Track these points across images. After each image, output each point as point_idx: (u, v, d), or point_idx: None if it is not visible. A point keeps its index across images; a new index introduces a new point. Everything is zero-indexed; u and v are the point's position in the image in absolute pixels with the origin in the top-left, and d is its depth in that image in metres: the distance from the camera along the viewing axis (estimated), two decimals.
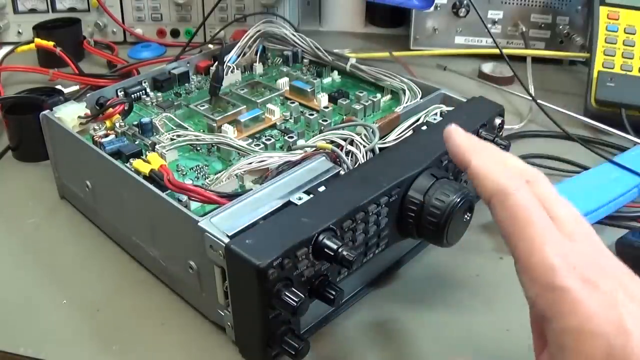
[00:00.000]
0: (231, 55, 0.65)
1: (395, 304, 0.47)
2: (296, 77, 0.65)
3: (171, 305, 0.47)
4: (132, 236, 0.50)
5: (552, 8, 0.84)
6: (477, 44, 0.87)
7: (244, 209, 0.42)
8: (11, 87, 0.77)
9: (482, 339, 0.45)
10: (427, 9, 0.82)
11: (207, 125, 0.57)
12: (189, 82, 0.66)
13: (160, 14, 0.91)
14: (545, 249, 0.29)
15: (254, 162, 0.48)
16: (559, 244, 0.30)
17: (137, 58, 0.87)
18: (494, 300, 0.48)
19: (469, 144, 0.36)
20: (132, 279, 0.50)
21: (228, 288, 0.40)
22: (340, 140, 0.49)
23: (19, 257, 0.53)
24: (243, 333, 0.41)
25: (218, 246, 0.39)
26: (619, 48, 0.72)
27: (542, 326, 0.31)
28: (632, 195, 0.56)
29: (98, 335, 0.45)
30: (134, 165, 0.48)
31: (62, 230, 0.56)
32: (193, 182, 0.49)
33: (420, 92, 0.58)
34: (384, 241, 0.45)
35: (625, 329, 0.27)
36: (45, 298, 0.48)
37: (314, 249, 0.39)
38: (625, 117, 0.68)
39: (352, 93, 0.62)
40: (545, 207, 0.32)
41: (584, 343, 0.28)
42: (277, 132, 0.57)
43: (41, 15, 0.89)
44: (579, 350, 0.28)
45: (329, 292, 0.40)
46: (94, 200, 0.53)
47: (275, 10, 0.88)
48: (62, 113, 0.55)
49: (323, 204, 0.42)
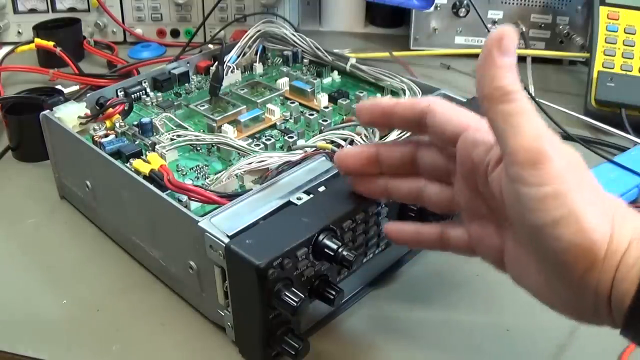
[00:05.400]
0: (231, 55, 0.65)
1: (395, 304, 0.47)
2: (296, 77, 0.65)
3: (171, 305, 0.47)
4: (132, 236, 0.50)
5: (552, 8, 0.84)
6: (477, 44, 0.87)
7: (244, 209, 0.42)
8: (11, 87, 0.77)
9: (482, 339, 0.45)
10: (427, 9, 0.82)
11: (207, 125, 0.57)
12: (189, 82, 0.65)
13: (160, 14, 0.91)
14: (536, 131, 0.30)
15: (254, 162, 0.48)
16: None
17: (137, 58, 0.86)
18: (494, 300, 0.48)
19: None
20: (132, 279, 0.50)
21: (228, 288, 0.40)
22: (340, 140, 0.49)
23: (19, 257, 0.53)
24: (243, 333, 0.41)
25: (218, 246, 0.39)
26: (619, 48, 0.72)
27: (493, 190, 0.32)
28: (632, 195, 0.56)
29: (98, 335, 0.45)
30: (134, 165, 0.48)
31: (62, 230, 0.56)
32: (193, 182, 0.49)
33: (420, 92, 0.58)
34: (384, 241, 0.45)
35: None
36: (45, 298, 0.48)
37: (314, 249, 0.39)
38: (625, 117, 0.68)
39: (352, 93, 0.62)
40: None
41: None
42: (277, 132, 0.57)
43: (41, 15, 0.89)
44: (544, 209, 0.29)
45: (329, 292, 0.40)
46: (94, 200, 0.53)
47: (275, 10, 0.88)
48: (62, 113, 0.55)
49: (323, 204, 0.42)
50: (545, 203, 0.29)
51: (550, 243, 0.29)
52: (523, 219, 0.30)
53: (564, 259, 0.29)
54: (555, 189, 0.28)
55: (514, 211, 0.31)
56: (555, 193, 0.28)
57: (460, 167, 0.35)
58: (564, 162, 0.29)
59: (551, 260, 0.30)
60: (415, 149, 0.38)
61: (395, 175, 0.39)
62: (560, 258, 0.29)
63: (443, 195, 0.37)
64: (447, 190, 0.37)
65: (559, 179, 0.29)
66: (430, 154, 0.37)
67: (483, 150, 0.33)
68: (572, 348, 0.44)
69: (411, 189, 0.39)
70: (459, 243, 0.38)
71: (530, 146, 0.29)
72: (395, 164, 0.39)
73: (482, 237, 0.36)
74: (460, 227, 0.37)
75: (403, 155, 0.38)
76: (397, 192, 0.39)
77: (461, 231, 0.37)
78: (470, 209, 0.36)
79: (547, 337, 0.45)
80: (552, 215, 0.29)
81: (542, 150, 0.29)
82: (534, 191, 0.29)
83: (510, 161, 0.30)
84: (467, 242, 0.37)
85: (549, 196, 0.29)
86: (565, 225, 0.28)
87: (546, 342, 0.44)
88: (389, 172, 0.39)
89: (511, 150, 0.29)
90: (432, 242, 0.39)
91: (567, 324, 0.46)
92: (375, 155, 0.39)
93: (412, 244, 0.42)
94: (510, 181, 0.30)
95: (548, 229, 0.29)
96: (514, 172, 0.29)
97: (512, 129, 0.30)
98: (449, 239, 0.38)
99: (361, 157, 0.39)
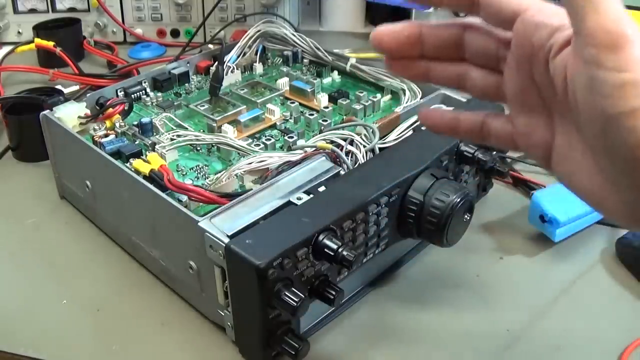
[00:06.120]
0: (231, 55, 0.65)
1: (395, 304, 0.47)
2: (296, 77, 0.65)
3: (171, 305, 0.47)
4: (132, 236, 0.50)
5: None
6: None
7: (244, 209, 0.42)
8: (11, 87, 0.77)
9: (482, 339, 0.45)
10: (427, 9, 0.82)
11: (207, 125, 0.57)
12: (189, 82, 0.65)
13: (160, 14, 0.91)
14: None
15: (254, 162, 0.48)
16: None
17: (137, 58, 0.86)
18: (494, 300, 0.48)
19: None
20: (132, 279, 0.50)
21: (228, 288, 0.40)
22: (340, 140, 0.49)
23: (19, 257, 0.53)
24: (243, 333, 0.41)
25: (218, 246, 0.39)
26: None
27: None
28: None
29: (98, 335, 0.45)
30: (134, 165, 0.48)
31: (62, 230, 0.56)
32: (193, 182, 0.49)
33: (420, 92, 0.58)
34: (384, 241, 0.45)
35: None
36: (45, 298, 0.48)
37: (314, 249, 0.39)
38: None
39: (352, 93, 0.62)
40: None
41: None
42: (277, 132, 0.57)
43: (41, 15, 0.89)
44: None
45: (329, 292, 0.40)
46: (94, 200, 0.53)
47: (275, 10, 0.88)
48: (62, 113, 0.55)
49: (323, 204, 0.42)
50: (624, 90, 0.26)
51: (624, 135, 0.27)
52: (594, 107, 0.27)
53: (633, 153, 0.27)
54: (636, 76, 0.26)
55: (583, 100, 0.28)
56: (635, 81, 0.26)
57: (516, 52, 0.32)
58: None
59: (622, 156, 0.27)
60: (463, 30, 0.35)
61: (436, 59, 0.36)
62: (634, 153, 0.27)
63: (489, 81, 0.34)
64: (494, 77, 0.34)
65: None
66: (479, 37, 0.34)
67: (546, 33, 0.30)
68: (572, 348, 0.44)
69: (455, 73, 0.35)
70: (501, 134, 0.35)
71: (612, 28, 0.26)
72: (439, 45, 0.35)
73: (529, 130, 0.33)
74: (505, 118, 0.35)
75: (449, 37, 0.35)
76: (439, 76, 0.36)
77: (505, 122, 0.34)
78: (519, 100, 0.33)
79: (547, 337, 0.45)
80: (630, 104, 0.26)
81: (624, 33, 0.26)
82: (613, 76, 0.26)
83: (586, 43, 0.27)
84: (510, 134, 0.34)
85: (628, 83, 0.26)
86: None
87: (546, 342, 0.44)
88: (430, 55, 0.36)
89: (589, 31, 0.27)
90: (471, 130, 0.36)
91: (567, 324, 0.46)
92: (418, 34, 0.35)
93: (449, 132, 0.38)
94: (585, 65, 0.27)
95: (623, 118, 0.26)
96: (591, 55, 0.27)
97: (592, 6, 0.27)
98: (491, 129, 0.35)
99: (401, 36, 0.35)
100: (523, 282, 0.50)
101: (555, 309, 0.47)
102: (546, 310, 0.39)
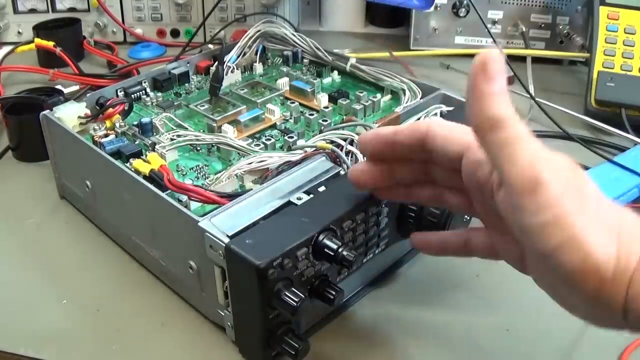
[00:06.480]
0: (231, 55, 0.65)
1: (395, 304, 0.47)
2: (296, 77, 0.65)
3: (171, 305, 0.47)
4: (132, 236, 0.50)
5: (552, 8, 0.84)
6: (477, 44, 0.87)
7: (244, 209, 0.42)
8: (11, 87, 0.77)
9: (482, 339, 0.45)
10: (427, 9, 0.82)
11: (207, 125, 0.57)
12: (189, 82, 0.65)
13: (160, 14, 0.91)
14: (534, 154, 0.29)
15: (254, 162, 0.48)
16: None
17: (137, 58, 0.86)
18: (494, 300, 0.48)
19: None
20: (132, 279, 0.50)
21: (228, 288, 0.40)
22: (340, 140, 0.49)
23: (19, 257, 0.53)
24: (243, 333, 0.41)
25: (218, 246, 0.39)
26: (619, 48, 0.72)
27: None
28: (632, 195, 0.56)
29: (98, 335, 0.45)
30: (134, 165, 0.48)
31: (62, 230, 0.56)
32: (193, 182, 0.49)
33: (420, 92, 0.58)
34: (384, 241, 0.45)
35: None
36: (45, 298, 0.48)
37: (314, 249, 0.39)
38: (625, 117, 0.68)
39: (352, 93, 0.62)
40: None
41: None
42: (277, 132, 0.57)
43: (41, 15, 0.89)
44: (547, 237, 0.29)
45: (329, 292, 0.40)
46: (94, 200, 0.53)
47: (275, 10, 0.88)
48: (62, 113, 0.55)
49: (323, 204, 0.42)
50: (546, 229, 0.28)
51: (556, 267, 0.29)
52: (527, 244, 0.30)
53: (572, 280, 0.29)
54: (555, 213, 0.28)
55: (519, 237, 0.31)
56: (554, 218, 0.28)
57: (468, 186, 0.35)
58: (562, 183, 0.28)
59: (561, 280, 0.30)
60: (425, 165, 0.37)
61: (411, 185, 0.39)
62: (569, 279, 0.29)
63: (462, 200, 0.37)
64: (466, 197, 0.37)
65: (558, 203, 0.28)
66: (440, 170, 0.37)
67: (487, 170, 0.33)
68: (572, 348, 0.44)
69: (433, 194, 0.38)
70: (483, 249, 0.38)
71: (526, 174, 0.28)
72: (408, 177, 0.38)
73: (502, 243, 0.36)
74: (484, 233, 0.37)
75: (414, 171, 0.38)
76: (419, 197, 0.39)
77: (485, 237, 0.37)
78: (487, 219, 0.36)
79: (546, 337, 0.45)
80: (553, 241, 0.28)
81: (538, 176, 0.28)
82: (534, 218, 0.28)
83: (508, 192, 0.30)
84: (490, 247, 0.37)
85: (549, 222, 0.28)
86: (567, 250, 0.28)
87: (546, 342, 0.44)
88: (403, 184, 0.39)
89: (508, 181, 0.29)
90: (457, 249, 0.39)
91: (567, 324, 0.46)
92: (389, 171, 0.38)
93: (439, 253, 0.42)
94: (513, 209, 0.30)
95: (551, 254, 0.28)
96: (515, 202, 0.29)
97: (507, 157, 0.29)
98: (473, 245, 0.38)
99: (373, 173, 0.39)
100: (523, 282, 0.49)
101: (555, 309, 0.47)
102: (546, 311, 0.39)
